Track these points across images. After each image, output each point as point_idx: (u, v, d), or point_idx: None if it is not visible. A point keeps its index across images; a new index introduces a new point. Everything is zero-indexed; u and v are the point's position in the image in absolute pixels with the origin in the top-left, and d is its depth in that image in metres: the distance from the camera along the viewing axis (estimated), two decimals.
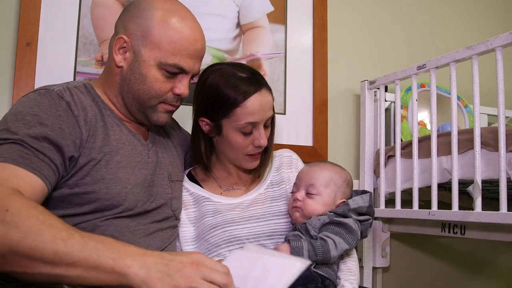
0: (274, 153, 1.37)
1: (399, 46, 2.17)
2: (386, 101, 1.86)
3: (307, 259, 1.06)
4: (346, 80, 2.02)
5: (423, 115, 1.96)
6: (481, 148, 1.38)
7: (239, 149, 1.22)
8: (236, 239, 1.18)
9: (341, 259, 1.18)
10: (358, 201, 1.16)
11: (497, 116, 1.32)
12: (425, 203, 1.72)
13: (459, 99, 2.02)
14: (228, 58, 1.76)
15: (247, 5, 1.83)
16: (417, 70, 1.60)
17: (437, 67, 1.53)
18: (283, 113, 1.86)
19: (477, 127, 1.37)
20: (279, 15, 1.89)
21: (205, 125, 1.23)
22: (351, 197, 1.20)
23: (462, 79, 1.66)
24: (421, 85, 1.96)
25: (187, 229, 1.24)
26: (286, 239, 1.16)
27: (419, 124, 1.90)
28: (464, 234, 1.56)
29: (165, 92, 1.11)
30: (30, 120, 0.95)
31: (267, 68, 1.84)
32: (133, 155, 1.11)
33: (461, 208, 1.41)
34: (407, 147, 1.67)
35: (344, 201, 1.18)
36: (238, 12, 1.81)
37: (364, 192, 1.20)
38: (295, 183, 1.25)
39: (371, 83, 1.85)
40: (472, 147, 1.40)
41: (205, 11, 1.74)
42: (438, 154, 1.51)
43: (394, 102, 1.77)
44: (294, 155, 1.39)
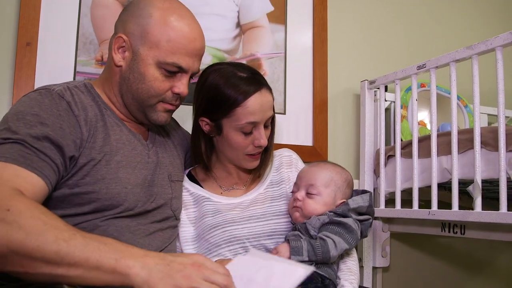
0: (274, 152, 1.37)
1: (399, 46, 2.17)
2: (386, 101, 1.86)
3: (307, 259, 1.06)
4: (346, 80, 2.02)
5: (423, 115, 1.96)
6: (481, 148, 1.38)
7: (239, 149, 1.22)
8: (236, 239, 1.18)
9: (341, 258, 1.18)
10: (358, 201, 1.16)
11: (497, 116, 1.32)
12: (425, 203, 1.72)
13: (459, 99, 2.02)
14: (228, 58, 1.76)
15: (247, 5, 1.83)
16: (417, 70, 1.60)
17: (437, 67, 1.53)
18: (283, 113, 1.86)
19: (477, 126, 1.37)
20: (279, 15, 1.89)
21: (205, 125, 1.23)
22: (351, 197, 1.20)
23: (462, 79, 1.66)
24: (421, 85, 1.96)
25: (187, 229, 1.24)
26: (286, 239, 1.16)
27: (419, 124, 1.90)
28: (464, 234, 1.56)
29: (164, 91, 1.10)
30: (31, 119, 0.94)
31: (267, 68, 1.84)
32: (133, 155, 1.11)
33: (461, 208, 1.41)
34: (407, 147, 1.67)
35: (344, 201, 1.18)
36: (238, 12, 1.81)
37: (364, 192, 1.20)
38: (295, 183, 1.25)
39: (371, 83, 1.85)
40: (472, 147, 1.40)
41: (205, 11, 1.74)
42: (438, 154, 1.51)
43: (394, 102, 1.77)
44: (293, 154, 1.39)
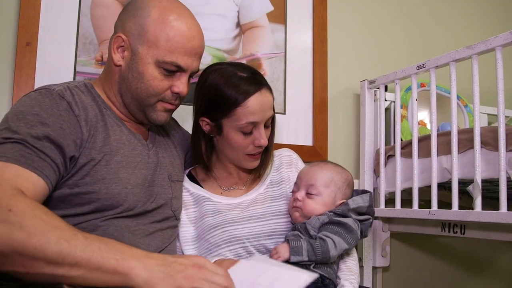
0: (274, 152, 1.37)
1: (399, 46, 2.17)
2: (386, 100, 1.86)
3: (306, 259, 1.06)
4: (346, 79, 2.02)
5: (423, 115, 1.97)
6: (481, 147, 1.38)
7: (239, 149, 1.22)
8: (236, 239, 1.18)
9: (341, 258, 1.18)
10: (358, 201, 1.16)
11: (497, 115, 1.32)
12: (425, 203, 1.72)
13: (459, 98, 2.02)
14: (228, 58, 1.76)
15: (247, 4, 1.83)
16: (417, 69, 1.60)
17: (437, 66, 1.53)
18: (283, 113, 1.86)
19: (477, 126, 1.37)
20: (279, 15, 1.89)
21: (206, 125, 1.23)
22: (351, 197, 1.20)
23: (462, 78, 1.66)
24: (421, 85, 1.96)
25: (187, 229, 1.24)
26: (286, 239, 1.16)
27: (419, 124, 1.90)
28: (464, 233, 1.56)
29: (163, 90, 1.10)
30: (31, 119, 0.94)
31: (267, 68, 1.84)
32: (133, 155, 1.11)
33: (461, 208, 1.41)
34: (407, 146, 1.67)
35: (344, 202, 1.18)
36: (238, 12, 1.81)
37: (364, 192, 1.20)
38: (295, 183, 1.25)
39: (371, 82, 1.85)
40: (472, 146, 1.40)
41: (205, 11, 1.74)
42: (438, 154, 1.51)
43: (394, 102, 1.77)
44: (293, 154, 1.39)
